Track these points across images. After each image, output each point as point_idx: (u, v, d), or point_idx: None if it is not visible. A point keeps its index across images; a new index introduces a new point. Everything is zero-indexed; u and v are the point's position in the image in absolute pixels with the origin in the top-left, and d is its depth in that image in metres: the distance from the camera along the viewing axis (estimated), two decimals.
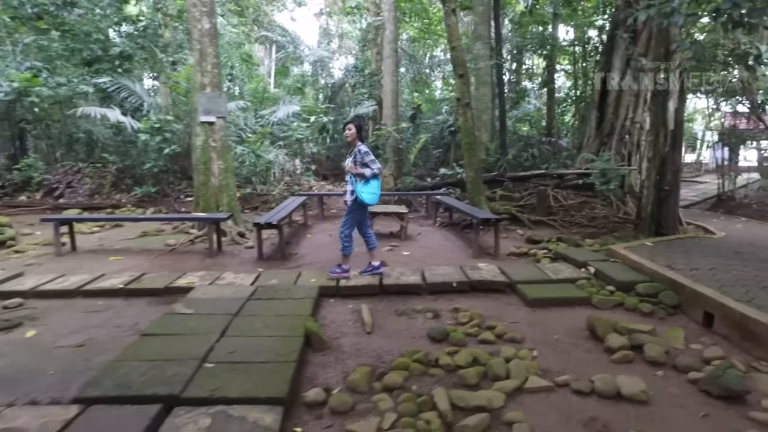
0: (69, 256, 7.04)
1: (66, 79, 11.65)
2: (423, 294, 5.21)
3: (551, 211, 10.02)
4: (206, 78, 8.17)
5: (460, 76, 9.01)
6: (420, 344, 3.97)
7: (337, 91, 19.55)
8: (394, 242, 7.75)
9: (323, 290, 5.03)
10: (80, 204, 11.11)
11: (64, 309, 4.74)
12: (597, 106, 11.67)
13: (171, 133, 11.46)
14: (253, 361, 3.29)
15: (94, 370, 3.38)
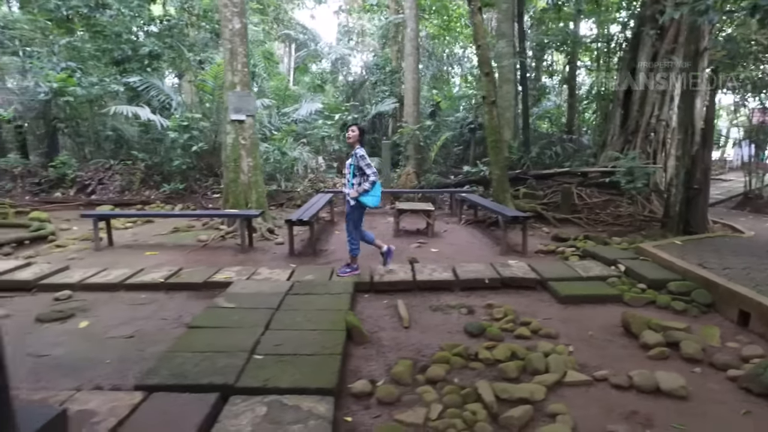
0: (107, 250, 7.27)
1: (98, 78, 11.95)
2: (455, 290, 5.30)
3: (575, 209, 10.03)
4: (236, 77, 8.34)
5: (486, 75, 9.06)
6: (457, 339, 4.07)
7: (358, 89, 19.65)
8: (422, 239, 7.84)
9: (358, 286, 5.15)
10: (111, 200, 11.42)
11: (110, 301, 4.93)
12: (621, 103, 11.59)
13: (198, 130, 11.69)
14: (299, 353, 3.41)
15: (148, 359, 3.55)
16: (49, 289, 5.20)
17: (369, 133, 18.76)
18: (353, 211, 5.59)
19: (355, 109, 17.30)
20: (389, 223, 9.51)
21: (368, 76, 19.85)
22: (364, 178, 5.41)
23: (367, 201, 5.52)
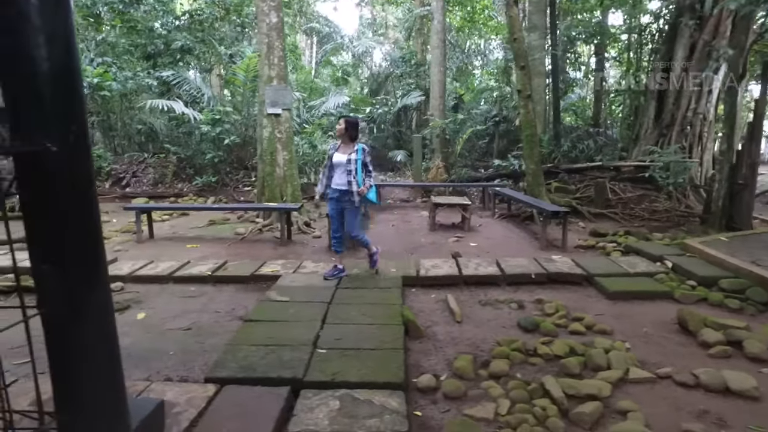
0: (149, 242, 7.40)
1: (132, 73, 12.12)
2: (501, 285, 5.28)
3: (609, 204, 9.88)
4: (273, 71, 8.38)
5: (522, 68, 8.96)
6: (512, 334, 4.06)
7: (383, 82, 19.60)
8: (459, 233, 7.82)
9: (405, 280, 5.16)
10: (145, 193, 11.61)
11: (161, 294, 5.02)
12: (656, 96, 11.35)
13: (230, 124, 11.79)
14: (362, 347, 3.44)
15: (209, 352, 3.62)
16: None
17: (394, 126, 18.79)
18: (359, 208, 5.30)
19: (379, 102, 17.25)
20: (423, 217, 9.51)
21: (393, 68, 19.77)
22: (369, 174, 5.18)
23: (372, 197, 5.33)
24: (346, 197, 5.10)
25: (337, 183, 5.13)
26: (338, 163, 5.10)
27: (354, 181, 5.03)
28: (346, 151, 5.11)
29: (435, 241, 7.41)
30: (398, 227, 8.58)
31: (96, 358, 1.70)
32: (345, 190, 5.07)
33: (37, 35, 1.37)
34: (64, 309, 1.56)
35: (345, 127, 5.12)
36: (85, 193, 1.59)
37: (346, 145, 5.16)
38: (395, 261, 5.91)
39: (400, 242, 7.34)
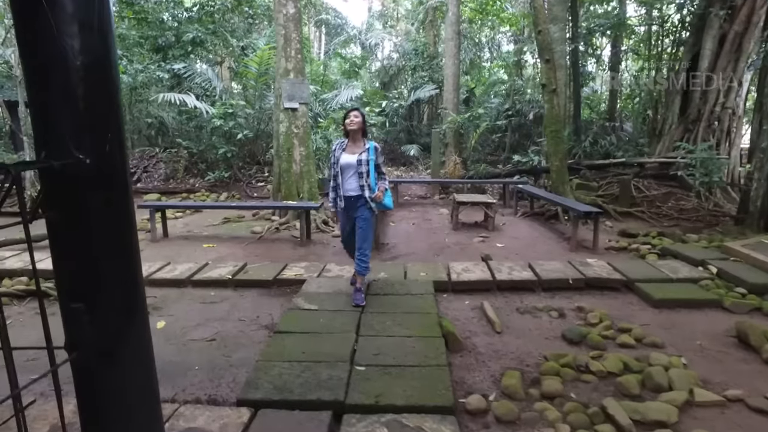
0: (163, 242, 7.17)
1: (143, 66, 11.86)
2: (537, 290, 5.00)
3: (634, 202, 9.56)
4: (290, 63, 8.09)
5: (546, 61, 8.63)
6: (557, 346, 3.79)
7: (395, 75, 19.26)
8: (483, 233, 7.54)
9: (436, 285, 4.89)
10: (157, 189, 11.39)
11: (181, 299, 4.78)
12: (681, 90, 10.98)
13: (243, 118, 11.53)
14: (403, 364, 3.18)
15: (237, 367, 3.38)
16: None
17: (407, 120, 18.46)
18: (373, 216, 4.45)
19: (396, 96, 16.95)
20: (443, 215, 9.23)
21: (405, 61, 19.42)
22: (382, 177, 4.48)
23: (389, 202, 4.63)
24: (358, 204, 4.33)
25: (346, 189, 4.34)
26: (347, 165, 4.31)
27: (367, 186, 4.28)
28: (354, 150, 4.34)
29: (460, 241, 7.13)
30: (419, 226, 8.30)
31: (132, 403, 1.44)
32: (357, 196, 4.31)
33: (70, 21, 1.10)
34: (98, 353, 1.29)
35: (362, 120, 4.38)
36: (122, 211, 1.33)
37: (355, 143, 4.39)
38: (423, 264, 5.64)
39: (423, 242, 7.06)
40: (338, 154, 4.38)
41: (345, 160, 4.32)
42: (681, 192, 9.85)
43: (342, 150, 4.39)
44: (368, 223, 4.37)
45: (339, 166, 4.33)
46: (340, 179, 4.34)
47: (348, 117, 4.37)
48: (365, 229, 4.37)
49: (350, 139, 4.41)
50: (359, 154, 4.30)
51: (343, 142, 4.45)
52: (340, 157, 4.34)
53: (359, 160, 4.27)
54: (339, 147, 4.43)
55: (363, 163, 4.27)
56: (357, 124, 4.33)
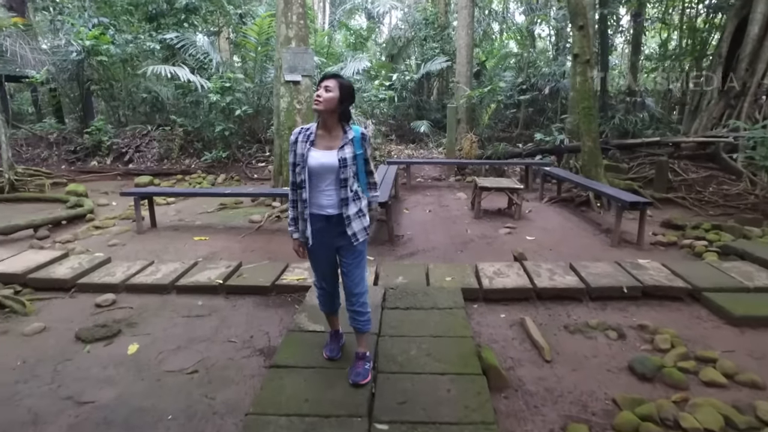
0: (150, 233, 6.40)
1: (132, 35, 10.91)
2: (584, 300, 4.21)
3: (671, 186, 8.67)
4: (291, 30, 7.17)
5: (580, 28, 7.65)
6: (625, 383, 3.01)
7: (404, 46, 18.14)
8: (509, 223, 6.71)
9: (465, 293, 4.09)
10: (150, 170, 10.58)
11: (161, 310, 4.01)
12: (724, 61, 9.96)
13: (241, 92, 10.62)
14: (438, 420, 2.41)
15: (222, 415, 2.64)
16: (89, 289, 4.35)
17: (416, 95, 17.43)
18: (365, 249, 2.84)
19: (407, 69, 15.93)
20: (460, 199, 8.40)
21: (414, 32, 18.27)
22: (373, 184, 2.84)
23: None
24: (340, 229, 2.68)
25: (320, 205, 2.66)
26: (320, 169, 2.60)
27: (354, 198, 2.68)
28: (330, 143, 2.63)
29: (484, 233, 6.31)
30: (435, 213, 7.47)
31: None
32: (336, 215, 2.66)
33: None
34: None
35: (339, 95, 2.57)
36: None
37: (329, 132, 2.65)
38: (446, 265, 4.83)
39: (443, 234, 6.26)
40: (303, 149, 2.62)
41: (317, 161, 2.59)
42: (722, 175, 8.94)
43: (309, 143, 2.62)
44: (362, 256, 2.80)
45: (306, 171, 2.60)
46: (308, 191, 2.63)
47: (318, 87, 2.60)
48: (356, 265, 2.77)
49: (320, 124, 2.66)
50: (339, 150, 2.60)
51: (309, 130, 2.67)
52: (307, 155, 2.60)
53: (342, 159, 2.59)
54: (303, 138, 2.65)
55: (347, 164, 2.60)
56: (328, 101, 2.54)
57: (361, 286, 2.79)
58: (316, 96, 2.56)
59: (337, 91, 2.56)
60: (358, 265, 2.78)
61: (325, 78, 2.60)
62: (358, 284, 2.78)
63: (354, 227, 2.67)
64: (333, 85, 2.57)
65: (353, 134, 2.66)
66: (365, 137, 2.73)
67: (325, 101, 2.54)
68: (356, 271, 2.78)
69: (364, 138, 2.71)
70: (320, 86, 2.58)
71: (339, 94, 2.57)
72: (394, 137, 14.27)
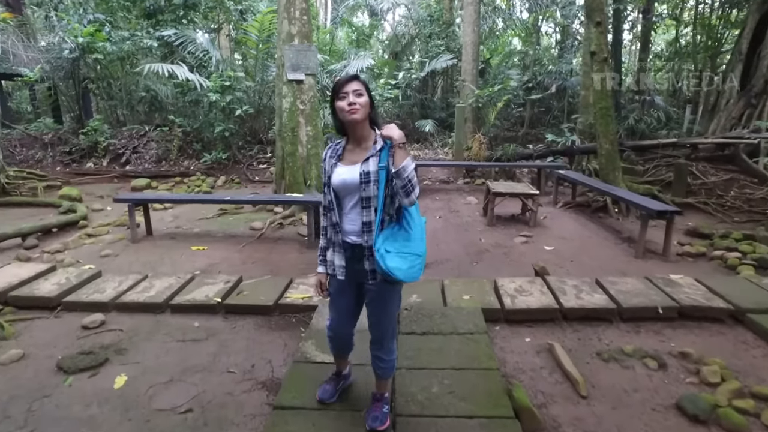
0: (145, 241, 6.05)
1: (129, 32, 10.55)
2: (615, 321, 3.85)
3: (690, 190, 8.31)
4: (294, 27, 6.81)
5: (597, 24, 7.27)
6: (673, 424, 2.66)
7: (409, 43, 17.77)
8: (525, 231, 6.35)
9: (486, 313, 3.74)
10: (147, 171, 10.24)
11: (154, 333, 3.66)
12: (744, 57, 9.58)
13: (242, 91, 10.26)
14: None
15: None
16: (76, 308, 4.00)
17: (420, 93, 17.06)
18: (396, 292, 2.36)
19: (414, 66, 15.56)
20: (471, 204, 8.04)
21: (419, 28, 17.89)
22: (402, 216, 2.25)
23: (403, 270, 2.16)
24: (365, 265, 2.24)
25: (345, 231, 2.25)
26: (341, 186, 2.20)
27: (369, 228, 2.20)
28: (358, 155, 2.21)
29: (499, 242, 5.96)
30: (446, 219, 7.12)
31: None
32: (359, 244, 2.24)
33: None
34: None
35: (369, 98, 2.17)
36: None
37: (359, 144, 2.24)
38: (463, 280, 4.48)
39: (456, 243, 5.91)
40: (329, 165, 2.26)
41: (339, 177, 2.19)
42: (743, 178, 8.57)
43: (336, 158, 2.26)
44: (392, 297, 2.32)
45: (332, 190, 2.24)
46: (337, 213, 2.24)
47: (343, 95, 2.12)
48: (388, 308, 2.34)
49: (351, 136, 2.25)
50: (363, 163, 2.16)
51: (339, 145, 2.30)
52: (332, 173, 2.23)
53: (364, 173, 2.13)
54: (332, 153, 2.29)
55: (371, 180, 2.13)
56: (365, 106, 2.13)
57: (382, 331, 2.38)
58: (351, 105, 2.10)
59: (366, 93, 2.16)
60: (384, 309, 2.34)
61: (349, 81, 2.15)
62: (379, 328, 2.38)
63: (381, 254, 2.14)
64: (361, 87, 2.15)
65: (381, 143, 2.18)
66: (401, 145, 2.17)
67: (362, 108, 2.12)
68: (379, 313, 2.35)
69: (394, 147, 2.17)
70: (346, 92, 2.12)
71: (369, 96, 2.18)
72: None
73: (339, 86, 2.15)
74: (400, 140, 2.05)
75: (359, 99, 2.11)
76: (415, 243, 2.20)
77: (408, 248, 2.17)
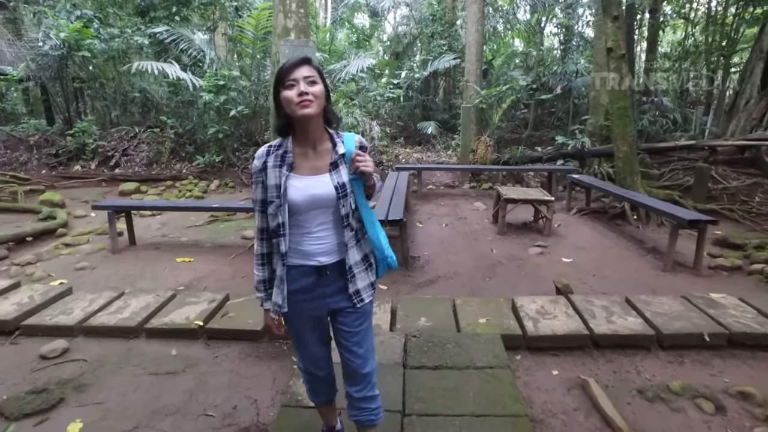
0: (127, 252, 5.57)
1: (119, 30, 10.07)
2: (652, 349, 3.36)
3: (711, 195, 7.83)
4: (290, 20, 6.34)
5: (615, 19, 6.79)
6: None
7: (410, 43, 17.33)
8: (539, 240, 5.86)
9: (506, 340, 3.25)
10: (137, 175, 9.75)
11: (123, 363, 3.17)
12: (765, 55, 9.11)
13: (237, 91, 9.78)
14: None
15: None
16: (36, 332, 3.51)
17: (423, 94, 16.59)
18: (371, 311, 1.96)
19: (417, 66, 15.11)
20: (478, 210, 7.56)
21: (421, 28, 17.43)
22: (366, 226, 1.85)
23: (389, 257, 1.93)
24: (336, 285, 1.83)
25: (306, 253, 1.78)
26: (308, 203, 1.71)
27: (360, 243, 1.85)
28: (318, 161, 1.75)
29: (512, 253, 5.47)
30: (453, 227, 6.62)
31: None
32: (331, 264, 1.80)
33: None
34: None
35: (324, 89, 1.67)
36: None
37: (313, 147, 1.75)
38: (477, 299, 3.98)
39: (465, 254, 5.41)
40: (276, 177, 1.71)
41: (302, 193, 1.70)
42: (767, 182, 8.09)
43: (286, 167, 1.71)
44: (368, 322, 1.94)
45: (287, 206, 1.70)
46: (286, 235, 1.73)
47: (291, 82, 1.62)
48: (365, 337, 1.92)
49: (299, 137, 1.74)
50: (333, 172, 1.74)
51: (282, 149, 1.75)
52: (286, 186, 1.69)
53: (340, 185, 1.72)
54: (276, 161, 1.73)
55: (347, 192, 1.74)
56: (316, 100, 1.64)
57: (370, 364, 1.93)
58: (302, 95, 1.60)
59: (321, 82, 1.66)
60: (365, 335, 1.92)
61: (298, 66, 1.63)
62: (366, 361, 1.91)
63: (358, 283, 1.83)
64: (314, 73, 1.65)
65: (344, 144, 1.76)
66: (363, 146, 1.79)
67: (317, 99, 1.63)
68: (363, 342, 1.91)
69: (364, 148, 1.78)
70: (296, 80, 1.61)
71: (323, 85, 1.67)
72: (402, 140, 13.43)
73: (285, 72, 1.64)
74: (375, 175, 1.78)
75: (312, 88, 1.62)
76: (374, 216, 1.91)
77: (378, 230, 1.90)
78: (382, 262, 1.93)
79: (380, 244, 1.87)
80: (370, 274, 1.89)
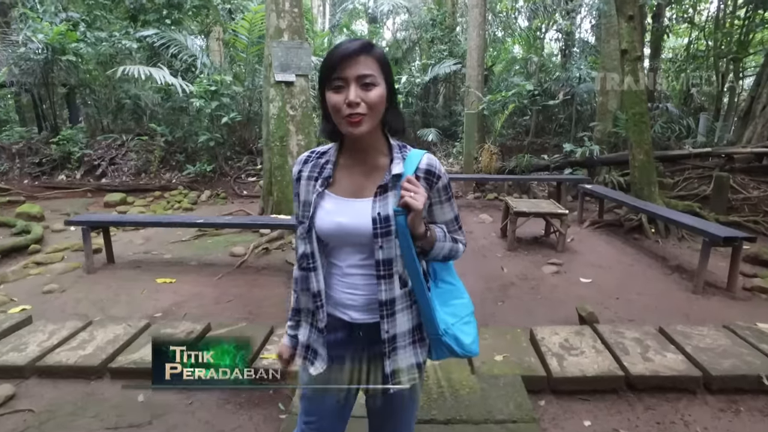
0: (103, 272, 5.08)
1: (107, 33, 9.63)
2: (699, 392, 2.89)
3: (731, 206, 7.39)
4: (283, 21, 5.90)
5: (630, 18, 6.37)
6: None
7: (410, 48, 16.96)
8: (552, 257, 5.39)
9: (528, 383, 2.78)
10: (124, 185, 9.29)
11: (78, 415, 2.69)
12: None
13: (229, 97, 9.34)
14: None
15: None
16: None
17: (423, 100, 16.19)
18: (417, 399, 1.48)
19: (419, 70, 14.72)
20: (485, 223, 7.10)
21: (421, 32, 17.06)
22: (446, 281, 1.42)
23: (473, 348, 1.38)
24: (370, 352, 1.34)
25: (339, 299, 1.33)
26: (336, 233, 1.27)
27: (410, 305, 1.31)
28: (364, 179, 1.28)
29: (524, 272, 5.00)
30: None
31: None
32: (366, 325, 1.31)
33: None
34: None
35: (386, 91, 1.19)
36: None
37: (363, 157, 1.29)
38: (491, 329, 3.51)
39: (473, 274, 4.94)
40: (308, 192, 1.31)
41: (333, 219, 1.26)
42: None
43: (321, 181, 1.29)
44: (410, 411, 1.46)
45: (314, 237, 1.28)
46: (317, 269, 1.30)
47: (339, 83, 1.15)
48: (406, 425, 1.47)
49: (347, 142, 1.31)
50: (379, 197, 1.24)
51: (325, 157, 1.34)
52: (316, 207, 1.27)
53: (381, 218, 1.22)
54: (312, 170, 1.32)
55: (391, 227, 1.22)
56: (371, 114, 1.17)
57: None
58: (351, 106, 1.14)
59: (383, 82, 1.18)
60: (407, 424, 1.46)
61: (350, 56, 1.14)
62: None
63: (400, 360, 1.31)
64: (374, 70, 1.16)
65: (411, 161, 1.25)
66: (435, 175, 1.28)
67: (372, 112, 1.17)
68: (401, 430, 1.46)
69: (431, 176, 1.27)
70: (345, 79, 1.15)
71: (386, 84, 1.19)
72: None
73: (332, 65, 1.16)
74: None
75: (368, 94, 1.15)
76: (463, 291, 1.44)
77: (465, 304, 1.41)
78: (435, 343, 1.35)
79: (432, 315, 1.29)
80: (420, 352, 1.35)
